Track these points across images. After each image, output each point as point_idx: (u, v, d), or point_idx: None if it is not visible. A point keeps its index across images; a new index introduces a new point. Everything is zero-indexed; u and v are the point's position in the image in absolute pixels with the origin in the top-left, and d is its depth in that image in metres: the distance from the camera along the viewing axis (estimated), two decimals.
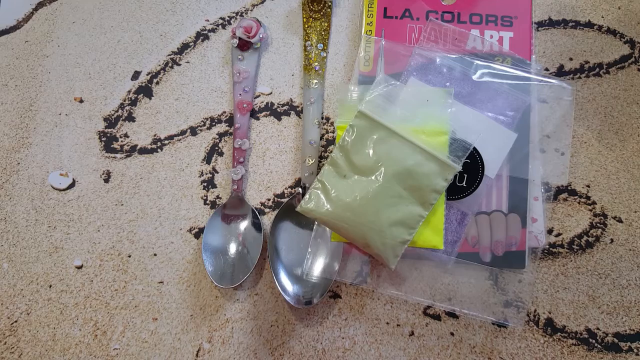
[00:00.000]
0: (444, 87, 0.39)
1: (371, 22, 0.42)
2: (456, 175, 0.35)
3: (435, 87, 0.39)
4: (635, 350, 0.37)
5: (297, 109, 0.43)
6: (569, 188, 0.41)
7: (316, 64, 0.43)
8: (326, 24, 0.44)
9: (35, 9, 0.47)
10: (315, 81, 0.42)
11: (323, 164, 0.38)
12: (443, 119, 0.36)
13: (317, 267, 0.38)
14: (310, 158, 0.40)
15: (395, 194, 0.34)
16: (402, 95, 0.37)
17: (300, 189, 0.41)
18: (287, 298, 0.37)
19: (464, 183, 0.38)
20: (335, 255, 0.38)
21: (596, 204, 0.40)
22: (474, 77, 0.39)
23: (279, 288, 0.37)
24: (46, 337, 0.39)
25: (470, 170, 0.38)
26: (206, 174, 0.42)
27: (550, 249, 0.40)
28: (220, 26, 0.45)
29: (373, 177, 0.34)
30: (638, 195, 0.40)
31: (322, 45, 0.43)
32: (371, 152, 0.35)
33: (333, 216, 0.34)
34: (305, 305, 0.37)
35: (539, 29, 0.44)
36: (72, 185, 0.42)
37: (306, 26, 0.44)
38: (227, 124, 0.43)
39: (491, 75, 0.39)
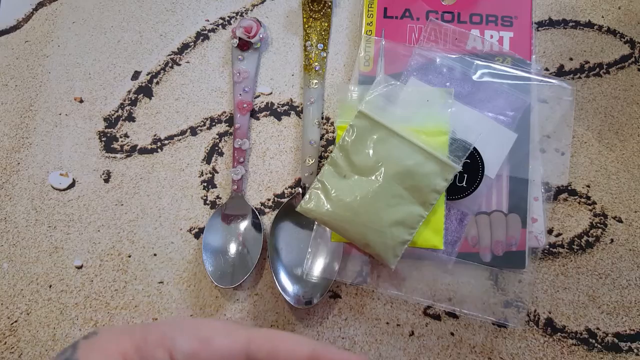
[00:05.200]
0: (444, 87, 0.39)
1: (371, 22, 0.42)
2: (456, 175, 0.35)
3: (435, 87, 0.39)
4: (635, 351, 0.37)
5: (297, 109, 0.43)
6: (569, 188, 0.41)
7: (316, 64, 0.43)
8: (326, 24, 0.44)
9: (36, 9, 0.47)
10: (315, 81, 0.42)
11: (323, 164, 0.38)
12: (443, 119, 0.36)
13: (317, 267, 0.38)
14: (310, 158, 0.40)
15: (396, 194, 0.34)
16: (402, 95, 0.37)
17: (300, 189, 0.41)
18: (287, 298, 0.37)
19: (464, 183, 0.38)
20: (335, 255, 0.38)
21: (596, 204, 0.40)
22: (474, 77, 0.39)
23: (279, 288, 0.37)
24: (46, 337, 0.39)
25: (470, 171, 0.38)
26: (206, 174, 0.42)
27: (550, 249, 0.40)
28: (220, 26, 0.45)
29: (373, 177, 0.34)
30: (638, 195, 0.40)
31: (322, 45, 0.43)
32: (371, 152, 0.35)
33: (333, 216, 0.34)
34: (305, 305, 0.37)
35: (539, 29, 0.44)
36: (72, 185, 0.42)
37: (306, 26, 0.44)
38: (227, 124, 0.43)
39: (491, 75, 0.39)
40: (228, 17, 0.46)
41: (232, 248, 0.39)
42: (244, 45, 0.43)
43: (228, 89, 0.44)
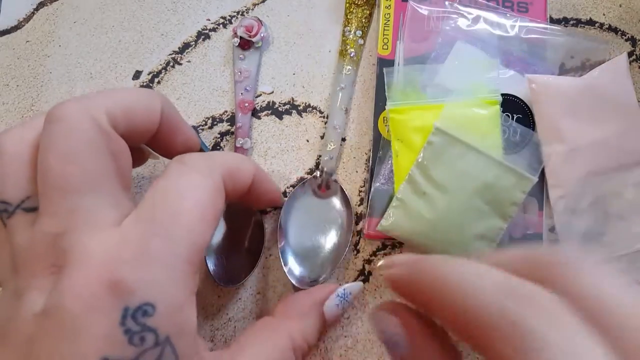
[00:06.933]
0: (488, 59, 0.40)
1: (389, 5, 0.43)
2: None
3: (479, 59, 0.40)
4: None
5: (299, 108, 0.43)
6: None
7: (352, 50, 0.43)
8: (367, 12, 0.44)
9: (36, 9, 0.47)
10: (349, 67, 0.43)
11: (404, 182, 0.38)
12: (492, 88, 0.38)
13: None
14: (332, 143, 0.41)
15: (477, 209, 0.35)
16: (444, 73, 0.39)
17: (318, 172, 0.40)
18: (293, 280, 0.37)
19: None
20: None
21: None
22: (521, 35, 0.41)
23: (285, 271, 0.37)
24: None
25: None
26: None
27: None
28: (221, 25, 0.45)
29: (454, 193, 0.35)
30: None
31: (360, 32, 0.44)
32: (450, 168, 0.35)
33: (415, 233, 0.35)
34: (311, 285, 0.37)
35: None
36: None
37: (348, 12, 0.44)
38: (228, 124, 0.43)
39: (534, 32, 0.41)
40: (229, 16, 0.46)
41: (235, 247, 0.39)
42: (245, 44, 0.43)
43: (229, 88, 0.44)
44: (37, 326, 0.21)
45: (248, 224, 0.40)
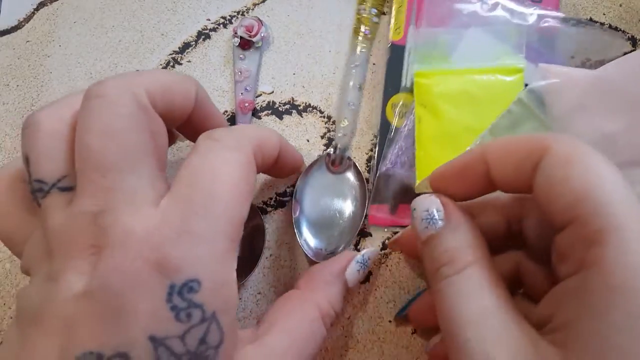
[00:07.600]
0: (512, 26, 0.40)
1: None
2: None
3: (505, 27, 0.40)
4: None
5: (299, 108, 0.43)
6: None
7: (367, 28, 0.43)
8: None
9: (37, 9, 0.47)
10: (364, 45, 0.43)
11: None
12: (518, 55, 0.38)
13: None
14: (345, 119, 0.41)
15: None
16: (468, 39, 0.39)
17: (331, 149, 0.41)
18: (308, 252, 0.37)
19: None
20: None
21: None
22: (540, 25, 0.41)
23: (300, 243, 0.38)
24: None
25: None
26: None
27: None
28: (221, 25, 0.45)
29: None
30: None
31: (375, 10, 0.44)
32: None
33: None
34: (326, 258, 0.37)
35: None
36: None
37: None
38: (228, 123, 0.43)
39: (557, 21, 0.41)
40: (229, 16, 0.46)
41: None
42: (245, 44, 0.43)
43: (229, 88, 0.44)
44: (78, 307, 0.20)
45: (248, 224, 0.40)
